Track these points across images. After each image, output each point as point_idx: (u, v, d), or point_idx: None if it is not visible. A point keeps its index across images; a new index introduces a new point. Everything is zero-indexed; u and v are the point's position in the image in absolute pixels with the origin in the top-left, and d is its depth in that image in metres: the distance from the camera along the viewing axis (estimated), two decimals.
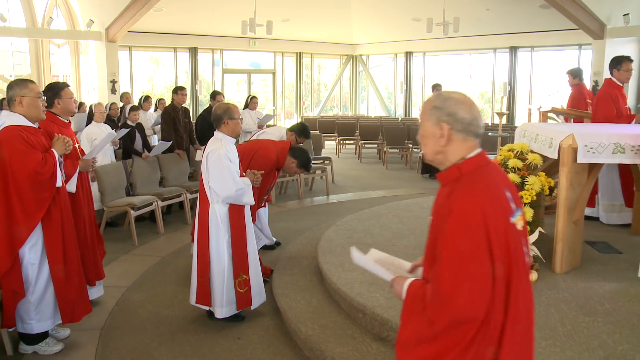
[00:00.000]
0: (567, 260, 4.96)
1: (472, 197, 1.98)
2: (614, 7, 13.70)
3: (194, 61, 18.80)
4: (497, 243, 1.94)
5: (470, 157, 2.08)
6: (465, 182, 2.04)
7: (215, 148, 4.57)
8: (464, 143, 2.07)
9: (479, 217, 1.93)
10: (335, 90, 23.38)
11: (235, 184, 4.51)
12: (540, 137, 5.40)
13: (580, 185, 4.92)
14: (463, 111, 2.06)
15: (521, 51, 17.50)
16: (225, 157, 4.52)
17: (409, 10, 17.58)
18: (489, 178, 2.07)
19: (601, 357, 3.48)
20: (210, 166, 4.55)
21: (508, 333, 2.03)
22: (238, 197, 4.57)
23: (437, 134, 2.08)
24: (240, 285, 4.69)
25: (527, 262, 2.11)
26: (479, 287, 1.93)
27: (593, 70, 14.65)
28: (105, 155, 7.86)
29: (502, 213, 2.00)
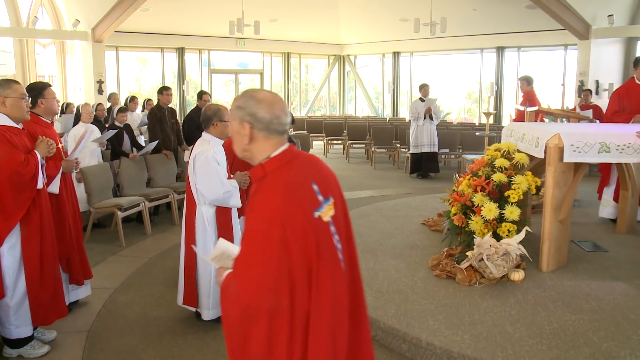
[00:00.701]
0: (554, 259, 5.00)
1: (270, 198, 2.09)
2: (598, 8, 13.82)
3: (182, 61, 18.72)
4: (294, 240, 2.04)
5: (274, 156, 2.17)
6: (267, 182, 2.15)
7: (203, 150, 4.53)
8: (268, 141, 2.17)
9: (275, 218, 2.04)
10: (323, 90, 23.38)
11: (222, 187, 4.48)
12: (527, 137, 5.44)
13: (567, 185, 4.96)
14: (263, 111, 2.14)
15: (508, 51, 17.59)
16: (213, 160, 4.48)
17: (396, 10, 17.62)
18: (292, 175, 2.15)
19: (587, 354, 3.51)
20: (197, 168, 4.52)
21: (314, 321, 2.10)
22: (225, 200, 4.54)
23: (241, 132, 2.18)
24: None
25: (337, 251, 2.19)
26: (267, 280, 2.05)
27: (579, 71, 14.77)
28: (92, 156, 7.81)
29: (302, 210, 2.09)
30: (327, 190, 2.21)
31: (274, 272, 2.05)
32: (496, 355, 3.52)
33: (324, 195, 2.19)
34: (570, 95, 15.87)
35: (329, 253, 2.15)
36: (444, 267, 4.90)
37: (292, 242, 2.04)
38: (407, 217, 7.02)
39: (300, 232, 2.06)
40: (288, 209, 2.06)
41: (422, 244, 5.84)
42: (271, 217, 2.05)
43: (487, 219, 4.94)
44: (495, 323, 3.95)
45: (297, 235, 2.05)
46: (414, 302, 4.31)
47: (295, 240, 2.04)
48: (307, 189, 2.15)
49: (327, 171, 2.30)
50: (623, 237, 6.12)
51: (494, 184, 5.06)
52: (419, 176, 11.93)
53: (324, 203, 2.17)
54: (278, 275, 2.05)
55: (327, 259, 2.14)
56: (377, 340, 4.05)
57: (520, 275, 4.70)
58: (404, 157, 13.18)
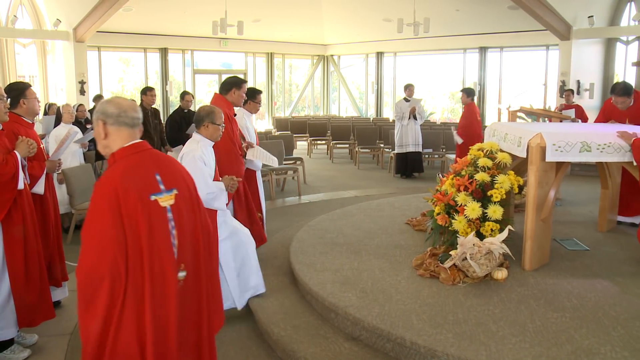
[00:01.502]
0: (536, 258, 5.04)
1: (109, 175, 2.47)
2: (579, 9, 13.97)
3: (165, 62, 18.61)
4: (127, 213, 2.40)
5: (124, 147, 2.54)
6: (113, 166, 2.52)
7: (191, 150, 4.53)
8: (119, 133, 2.53)
9: (110, 190, 2.40)
10: (307, 90, 23.38)
11: (206, 187, 4.45)
12: (509, 137, 5.48)
13: (549, 184, 5.00)
14: (111, 107, 2.54)
15: (491, 51, 17.72)
16: (200, 159, 4.47)
17: (379, 10, 17.66)
18: (136, 162, 2.53)
19: (569, 351, 3.54)
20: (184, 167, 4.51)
21: (148, 291, 2.43)
22: (209, 201, 4.50)
23: (98, 131, 2.54)
24: None
25: (170, 236, 2.54)
26: (102, 248, 2.37)
27: (560, 71, 14.92)
28: (73, 157, 7.74)
29: (136, 190, 2.45)
30: (172, 183, 2.60)
31: (110, 240, 2.37)
32: (480, 353, 3.54)
33: (167, 186, 2.57)
34: (552, 95, 16.02)
35: (161, 235, 2.50)
36: (428, 267, 4.92)
37: (125, 215, 2.39)
38: (391, 217, 7.04)
39: (132, 208, 2.41)
40: (124, 185, 2.42)
41: (406, 243, 5.86)
42: (109, 192, 2.40)
43: (471, 219, 4.96)
44: (478, 322, 3.97)
45: (129, 209, 2.40)
46: (398, 302, 4.33)
47: (127, 213, 2.40)
48: (148, 175, 2.54)
49: (179, 170, 2.72)
50: (604, 236, 6.19)
51: (477, 184, 5.09)
52: (402, 176, 11.97)
53: (164, 192, 2.55)
54: (115, 243, 2.37)
55: (158, 239, 2.48)
56: (362, 340, 4.06)
57: (504, 274, 4.73)
58: (388, 157, 13.22)
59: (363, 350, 3.96)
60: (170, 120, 9.37)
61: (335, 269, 5.09)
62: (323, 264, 5.22)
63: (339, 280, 4.79)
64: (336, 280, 4.78)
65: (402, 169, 12.01)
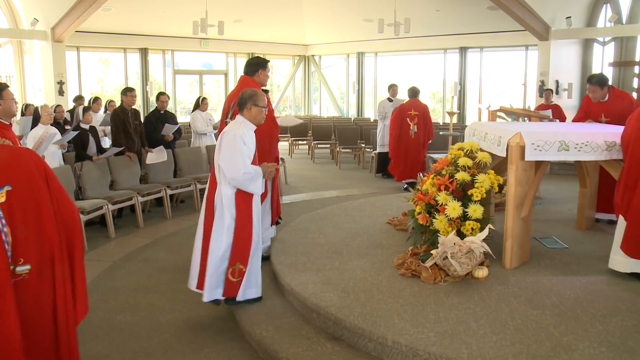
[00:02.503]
0: (517, 256, 5.08)
1: None
2: (557, 9, 14.13)
3: (145, 62, 18.49)
4: None
5: None
6: None
7: (233, 129, 4.48)
8: None
9: None
10: (288, 90, 23.36)
11: (243, 167, 4.37)
12: (489, 136, 5.52)
13: (528, 183, 5.05)
14: None
15: (471, 52, 17.84)
16: (240, 139, 4.40)
17: (360, 11, 17.71)
18: None
19: (548, 348, 3.58)
20: (223, 145, 4.46)
21: None
22: (244, 182, 4.42)
23: None
24: (233, 274, 4.54)
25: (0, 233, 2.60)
26: None
27: (539, 71, 15.08)
28: (52, 158, 7.66)
29: None
30: (2, 180, 2.62)
31: None
32: (461, 351, 3.56)
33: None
34: (531, 94, 16.17)
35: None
36: (409, 266, 4.94)
37: None
38: (373, 216, 7.06)
39: None
40: None
41: (387, 243, 5.88)
42: None
43: (451, 218, 4.99)
44: (459, 320, 4.00)
45: None
46: (380, 301, 4.34)
47: None
48: None
49: (17, 165, 2.71)
50: (582, 233, 6.26)
51: (458, 183, 5.12)
52: (384, 176, 12.01)
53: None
54: None
55: None
56: (343, 340, 4.06)
57: (484, 273, 4.77)
58: (369, 157, 13.25)
59: (345, 350, 3.96)
60: (146, 121, 9.32)
61: (316, 269, 5.09)
62: (304, 265, 5.22)
63: (320, 280, 4.79)
64: (318, 281, 4.78)
65: (383, 168, 12.04)
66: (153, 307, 5.19)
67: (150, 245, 7.19)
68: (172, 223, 8.34)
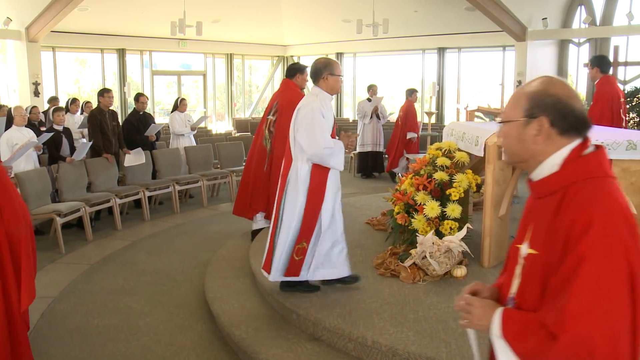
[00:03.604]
0: (495, 255, 5.12)
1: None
2: (533, 11, 14.29)
3: (122, 63, 18.29)
4: None
5: None
6: None
7: (309, 102, 4.28)
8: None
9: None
10: (267, 91, 23.28)
11: (324, 141, 4.17)
12: (466, 136, 5.56)
13: (506, 182, 5.09)
14: None
15: (449, 52, 17.95)
16: (319, 112, 4.21)
17: (339, 11, 17.72)
18: None
19: None
20: (301, 119, 4.26)
21: None
22: (325, 157, 4.21)
23: None
24: (297, 252, 4.34)
25: None
26: None
27: (516, 71, 15.23)
28: (27, 160, 7.56)
29: None
30: None
31: None
32: (440, 350, 3.58)
33: None
34: (509, 94, 16.29)
35: None
36: (388, 266, 4.96)
37: None
38: (352, 216, 7.06)
39: None
40: None
41: (366, 243, 5.90)
42: None
43: (430, 217, 5.02)
44: (438, 319, 4.02)
45: None
46: (359, 301, 4.34)
47: None
48: None
49: None
50: None
51: (436, 183, 5.15)
52: (363, 176, 12.03)
53: None
54: None
55: None
56: (323, 340, 4.06)
57: (463, 272, 4.80)
58: (348, 157, 13.26)
59: (325, 350, 3.96)
60: (127, 124, 9.24)
61: None
62: None
63: None
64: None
65: (363, 168, 12.08)
66: (131, 310, 5.15)
67: (128, 248, 7.13)
68: (150, 225, 8.27)
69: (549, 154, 1.67)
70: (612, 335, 1.45)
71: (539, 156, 1.69)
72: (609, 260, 1.48)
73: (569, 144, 1.66)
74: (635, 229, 1.54)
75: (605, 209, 1.54)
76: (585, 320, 1.45)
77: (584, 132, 1.67)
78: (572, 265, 1.52)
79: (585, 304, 1.46)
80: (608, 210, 1.54)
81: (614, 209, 1.54)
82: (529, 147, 1.68)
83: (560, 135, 1.65)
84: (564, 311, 1.48)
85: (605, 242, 1.49)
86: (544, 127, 1.64)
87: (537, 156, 1.69)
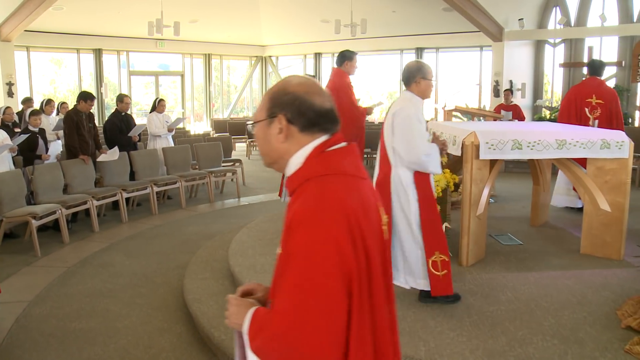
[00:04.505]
0: (473, 253, 5.17)
1: None
2: (510, 11, 14.43)
3: (99, 63, 18.10)
4: None
5: None
6: None
7: (404, 107, 4.17)
8: None
9: None
10: (245, 91, 23.23)
11: (423, 148, 4.06)
12: (444, 135, 5.59)
13: (483, 181, 5.14)
14: None
15: (427, 52, 18.04)
16: (415, 118, 4.11)
17: (317, 11, 17.73)
18: None
19: (504, 342, 3.65)
20: (397, 126, 4.15)
21: None
22: (424, 164, 4.10)
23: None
24: (436, 267, 4.16)
25: None
26: None
27: (494, 71, 15.36)
28: (2, 162, 7.44)
29: None
30: None
31: None
32: (419, 349, 3.60)
33: None
34: (486, 94, 16.46)
35: None
36: None
37: None
38: None
39: None
40: None
41: None
42: None
43: None
44: (417, 318, 4.04)
45: None
46: None
47: None
48: None
49: None
50: (536, 230, 6.41)
51: None
52: None
53: None
54: None
55: None
56: None
57: None
58: None
59: None
60: (110, 124, 9.18)
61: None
62: (263, 266, 5.20)
63: None
64: None
65: None
66: (109, 313, 5.09)
67: (106, 250, 7.06)
68: (128, 227, 8.19)
69: (293, 153, 1.67)
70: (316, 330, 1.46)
71: (285, 155, 1.69)
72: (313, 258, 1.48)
73: (313, 141, 1.66)
74: (358, 231, 1.53)
75: (318, 207, 1.53)
76: (290, 318, 1.47)
77: (329, 127, 1.68)
78: (282, 262, 1.55)
79: (291, 301, 1.48)
80: (321, 208, 1.52)
81: (330, 207, 1.52)
82: (275, 146, 1.68)
83: (301, 133, 1.66)
84: (273, 309, 1.54)
85: (311, 239, 1.49)
86: (283, 124, 1.64)
87: (284, 155, 1.69)
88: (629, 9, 13.69)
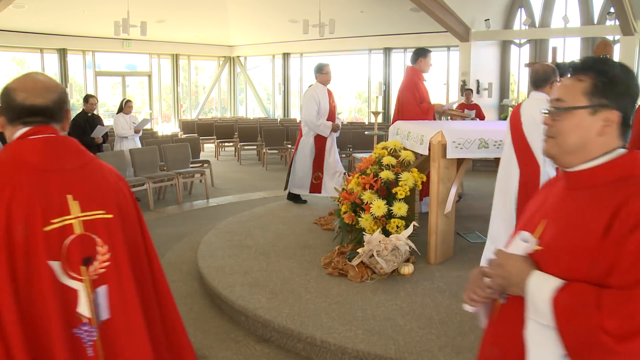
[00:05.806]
0: (441, 251, 5.20)
1: None
2: (476, 12, 14.62)
3: (64, 63, 17.79)
4: None
5: None
6: None
7: (534, 107, 4.16)
8: None
9: None
10: (214, 92, 23.07)
11: None
12: (412, 135, 5.63)
13: (450, 180, 5.17)
14: None
15: (395, 52, 18.16)
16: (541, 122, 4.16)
17: (285, 11, 17.70)
18: None
19: (472, 339, 3.67)
20: (532, 126, 4.18)
21: None
22: None
23: None
24: None
25: None
26: None
27: (461, 71, 15.54)
28: None
29: None
30: None
31: None
32: (388, 347, 3.60)
33: None
34: (453, 94, 16.63)
35: None
36: (336, 265, 4.96)
37: None
38: (299, 217, 7.06)
39: None
40: None
41: (314, 243, 5.89)
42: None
43: (376, 216, 5.05)
44: (387, 317, 4.05)
45: None
46: (308, 301, 4.33)
47: None
48: None
49: None
50: None
51: (382, 182, 5.19)
52: None
53: None
54: None
55: None
56: (272, 341, 4.03)
57: (410, 269, 4.85)
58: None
59: (275, 351, 3.93)
60: (74, 125, 9.00)
61: (244, 271, 5.03)
62: (232, 267, 5.15)
63: (248, 282, 4.74)
64: (245, 283, 4.73)
65: None
66: None
67: None
68: None
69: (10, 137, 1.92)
70: None
71: None
72: None
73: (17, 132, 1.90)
74: None
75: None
76: None
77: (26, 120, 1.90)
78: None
79: None
80: None
81: None
82: None
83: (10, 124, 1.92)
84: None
85: None
86: None
87: None
88: (589, 11, 14.00)
